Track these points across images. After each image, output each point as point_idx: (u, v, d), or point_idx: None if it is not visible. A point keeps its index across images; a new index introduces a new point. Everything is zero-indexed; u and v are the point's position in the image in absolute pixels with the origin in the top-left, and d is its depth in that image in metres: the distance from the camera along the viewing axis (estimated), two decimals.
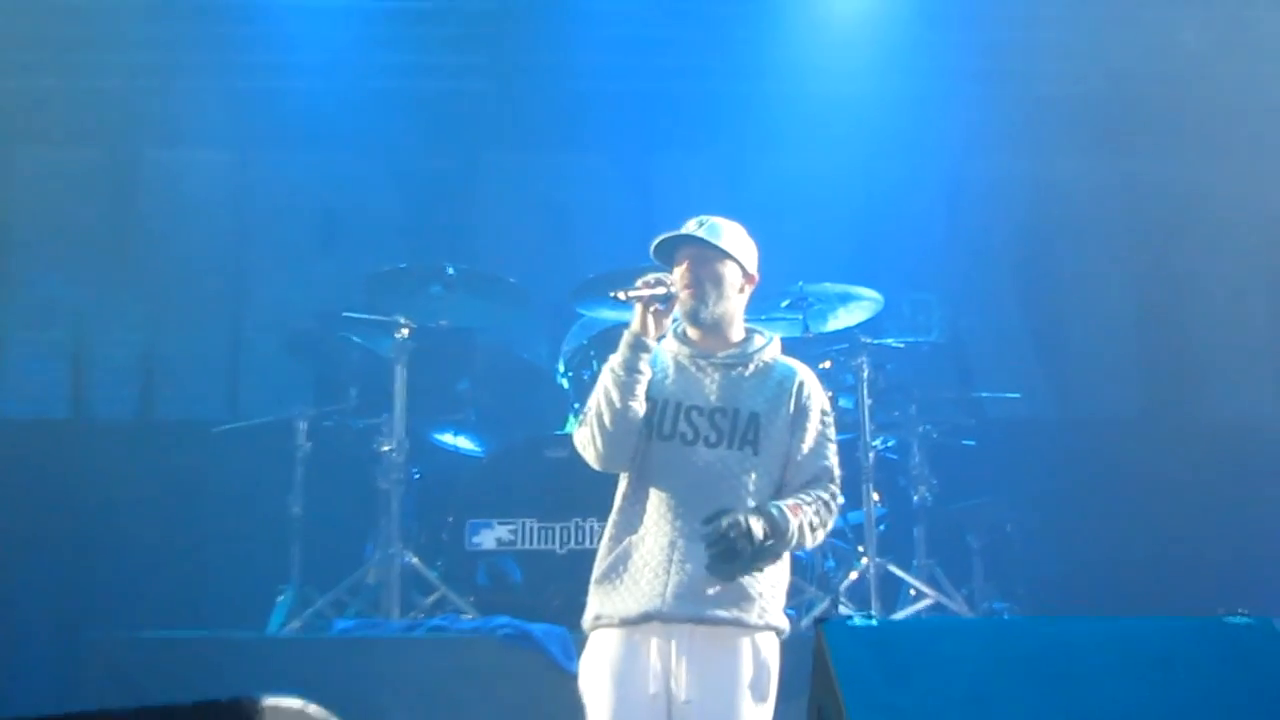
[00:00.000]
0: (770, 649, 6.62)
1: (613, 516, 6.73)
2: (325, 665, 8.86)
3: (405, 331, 10.01)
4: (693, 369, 6.79)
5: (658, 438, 6.70)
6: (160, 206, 12.51)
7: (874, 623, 5.17)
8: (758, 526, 6.47)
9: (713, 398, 6.78)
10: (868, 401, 10.16)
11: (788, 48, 11.79)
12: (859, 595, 9.81)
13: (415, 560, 9.75)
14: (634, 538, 6.64)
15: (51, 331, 12.58)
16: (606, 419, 6.67)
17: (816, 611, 9.53)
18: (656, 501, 6.64)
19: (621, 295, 6.81)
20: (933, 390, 10.68)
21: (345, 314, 10.45)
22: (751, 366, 6.86)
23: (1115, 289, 12.47)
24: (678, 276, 6.78)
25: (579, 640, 6.95)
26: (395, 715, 8.25)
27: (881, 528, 10.12)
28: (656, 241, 6.83)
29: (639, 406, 6.68)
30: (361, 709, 5.31)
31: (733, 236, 6.88)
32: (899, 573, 10.01)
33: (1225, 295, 11.95)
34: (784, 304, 10.48)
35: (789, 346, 10.30)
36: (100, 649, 9.31)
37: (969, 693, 4.70)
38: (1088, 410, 12.41)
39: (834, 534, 10.32)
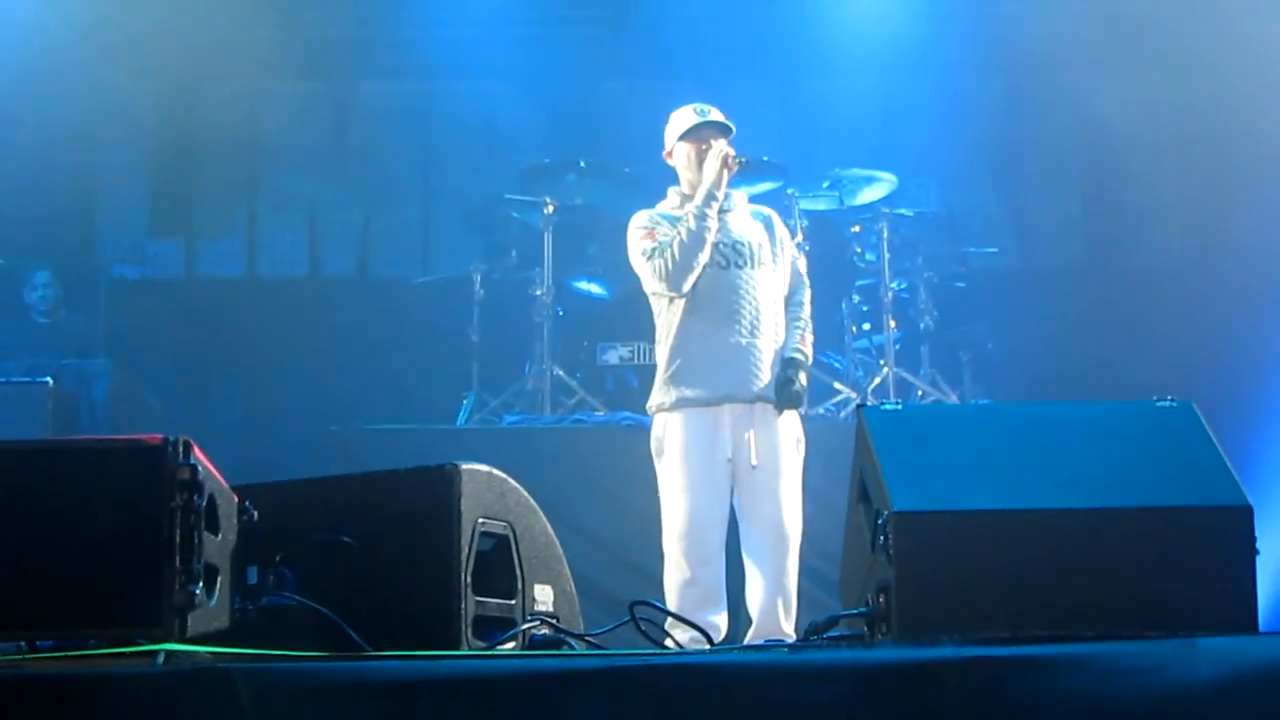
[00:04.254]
0: (797, 418, 6.65)
1: (679, 326, 6.58)
2: (498, 448, 8.95)
3: (550, 209, 10.05)
4: None
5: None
6: (368, 122, 12.54)
7: (900, 407, 5.21)
8: (803, 376, 6.57)
9: (734, 233, 6.65)
10: (887, 255, 10.11)
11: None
12: (881, 395, 9.83)
13: (561, 373, 9.84)
14: (706, 338, 6.55)
15: (293, 215, 12.65)
16: (699, 254, 6.49)
17: (852, 406, 9.56)
18: (713, 311, 6.55)
19: (736, 162, 6.70)
20: (933, 247, 10.61)
21: (506, 196, 10.50)
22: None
23: (1065, 168, 12.44)
24: (723, 150, 6.60)
25: None
26: (550, 482, 8.30)
27: (898, 347, 10.10)
28: (702, 121, 6.69)
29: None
30: (524, 478, 5.36)
31: None
32: (910, 378, 10.02)
33: (1146, 176, 11.84)
34: (825, 184, 10.49)
35: (832, 217, 10.46)
36: (338, 437, 9.46)
37: (970, 454, 4.73)
38: (1044, 260, 12.38)
39: (862, 351, 10.40)
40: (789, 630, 6.45)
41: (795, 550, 6.53)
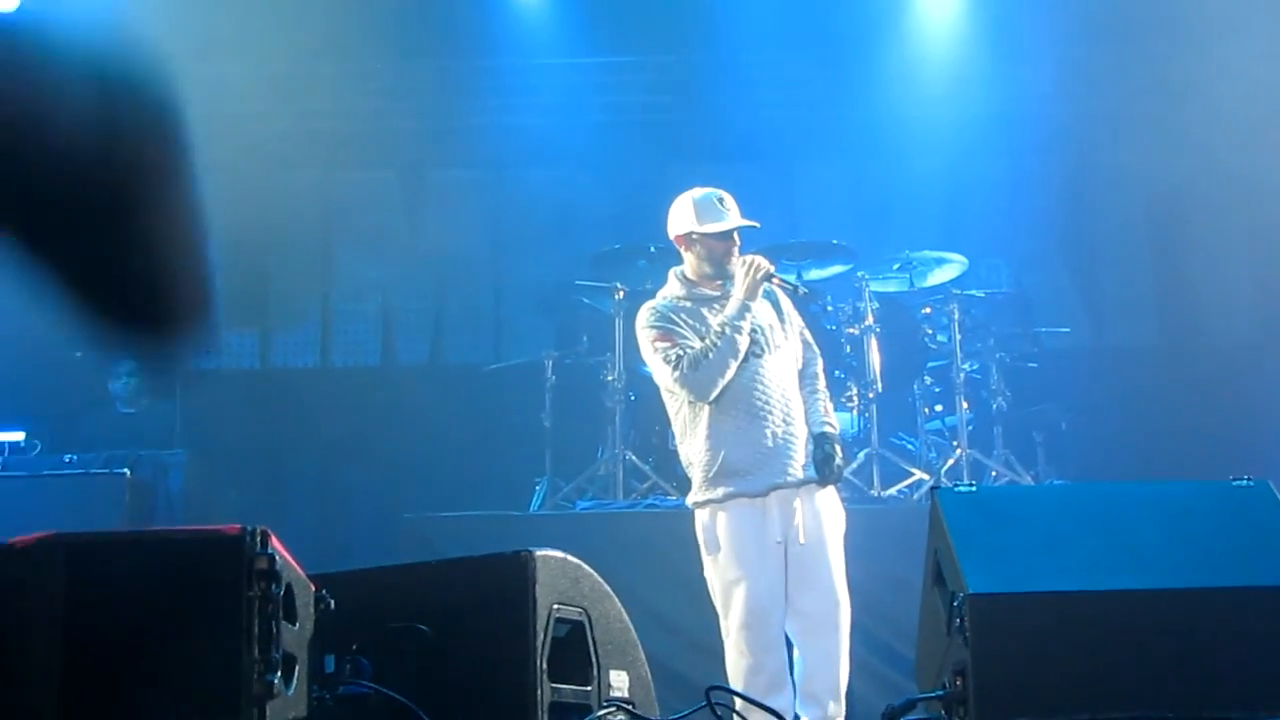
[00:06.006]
0: (835, 490, 6.63)
1: (710, 425, 6.48)
2: (572, 534, 8.94)
3: (621, 294, 10.02)
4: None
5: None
6: (439, 210, 12.66)
7: (974, 489, 5.21)
8: (840, 449, 6.55)
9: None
10: (959, 337, 10.07)
11: (896, 80, 11.80)
12: (954, 476, 9.75)
13: (633, 457, 9.83)
14: (741, 434, 6.47)
15: (365, 303, 12.77)
16: (731, 367, 6.41)
17: (926, 488, 9.51)
18: (743, 407, 6.48)
19: (796, 288, 6.84)
20: (1005, 328, 10.55)
21: (577, 282, 10.55)
22: None
23: (1136, 245, 12.40)
24: (764, 268, 6.58)
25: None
26: (624, 567, 8.29)
27: (970, 428, 10.04)
28: (736, 226, 6.64)
29: None
30: (598, 563, 5.39)
31: None
32: (984, 460, 9.94)
33: (1219, 251, 11.81)
34: (895, 267, 10.50)
35: (902, 299, 10.46)
36: (413, 525, 9.49)
37: (1045, 535, 4.73)
38: (1117, 339, 12.30)
39: (934, 432, 10.37)
40: (841, 709, 6.41)
41: (847, 621, 6.48)
